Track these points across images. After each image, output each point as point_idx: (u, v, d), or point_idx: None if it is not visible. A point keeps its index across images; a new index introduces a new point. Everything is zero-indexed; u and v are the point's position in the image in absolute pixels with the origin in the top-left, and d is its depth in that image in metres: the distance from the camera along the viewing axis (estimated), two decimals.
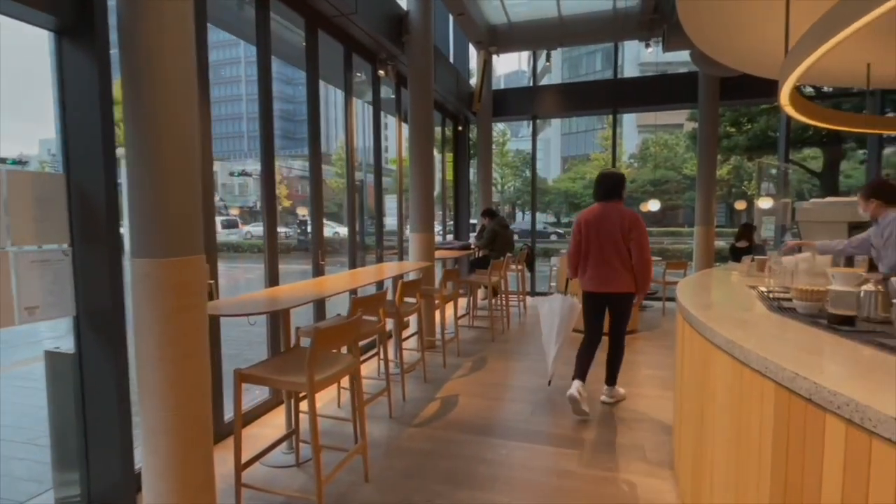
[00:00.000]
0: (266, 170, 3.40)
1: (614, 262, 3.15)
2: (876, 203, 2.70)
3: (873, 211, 2.72)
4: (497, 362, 4.42)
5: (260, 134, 3.37)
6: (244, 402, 3.28)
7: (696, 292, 2.53)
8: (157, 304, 1.86)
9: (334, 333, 2.24)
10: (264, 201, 3.41)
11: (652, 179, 22.85)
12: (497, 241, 6.19)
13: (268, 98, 3.39)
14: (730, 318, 1.88)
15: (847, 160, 12.33)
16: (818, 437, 1.20)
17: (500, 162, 26.14)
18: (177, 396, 1.93)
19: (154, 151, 1.84)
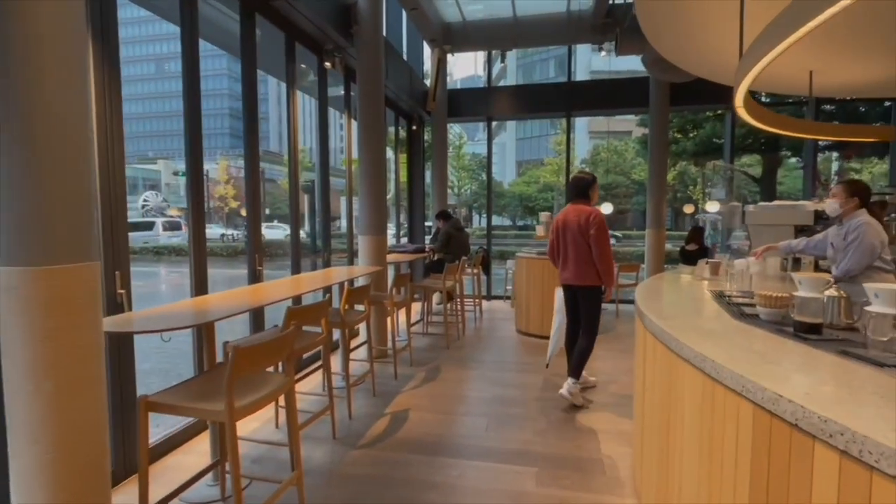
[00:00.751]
0: (192, 169, 3.04)
1: (579, 258, 3.39)
2: (855, 202, 2.66)
3: (849, 209, 2.68)
4: (451, 371, 4.23)
5: (185, 131, 3.02)
6: (166, 425, 2.90)
7: (655, 298, 2.43)
8: (27, 323, 1.51)
9: (260, 351, 1.95)
10: (190, 201, 3.05)
11: (603, 184, 23.47)
12: (452, 243, 6.04)
13: (194, 90, 3.04)
14: (696, 328, 1.76)
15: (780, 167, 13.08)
16: (805, 467, 1.06)
17: (457, 165, 26.15)
18: (57, 435, 1.58)
19: (24, 139, 1.49)
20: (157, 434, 2.83)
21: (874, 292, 1.38)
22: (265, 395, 2.02)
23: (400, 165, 7.40)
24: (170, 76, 44.39)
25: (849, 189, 2.69)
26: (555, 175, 24.94)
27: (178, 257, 17.25)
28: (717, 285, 2.74)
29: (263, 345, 1.97)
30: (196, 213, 3.06)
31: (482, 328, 5.92)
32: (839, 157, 11.91)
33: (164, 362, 5.30)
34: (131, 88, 47.18)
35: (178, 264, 15.96)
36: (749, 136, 10.79)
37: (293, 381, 2.23)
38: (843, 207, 2.69)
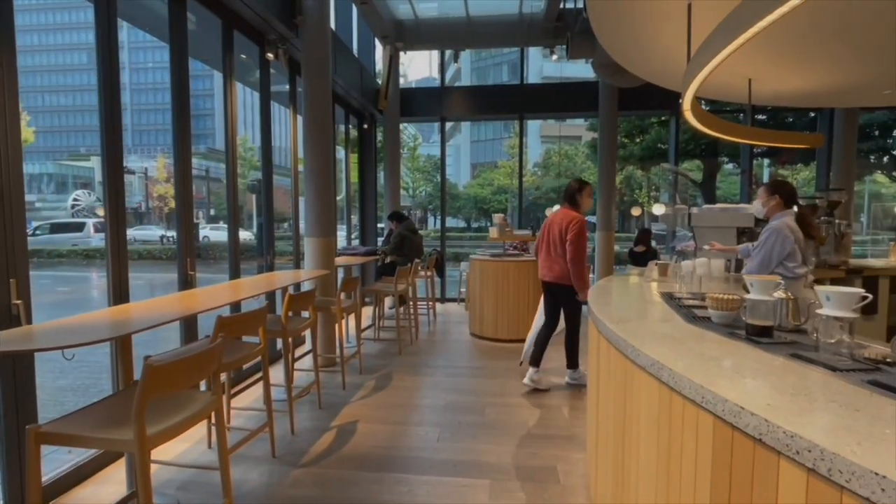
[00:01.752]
0: (110, 164, 2.72)
1: (555, 256, 3.71)
2: (777, 201, 2.73)
3: (771, 209, 2.75)
4: (403, 378, 4.08)
5: (101, 125, 2.70)
6: (79, 450, 2.56)
7: (607, 300, 2.39)
8: None
9: (180, 368, 1.72)
10: (107, 200, 2.73)
11: (555, 187, 24.01)
12: (405, 246, 5.91)
13: (112, 78, 2.72)
14: (650, 333, 1.70)
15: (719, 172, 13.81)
16: (770, 484, 0.99)
17: (412, 166, 25.99)
18: None
19: None
20: (68, 462, 2.50)
21: (825, 295, 1.36)
22: (187, 417, 1.79)
23: (351, 165, 7.17)
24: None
25: (769, 189, 2.77)
26: (508, 178, 25.27)
27: None
28: (666, 286, 2.74)
29: (183, 360, 1.74)
30: (114, 212, 2.74)
31: (436, 332, 5.82)
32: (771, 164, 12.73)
33: (85, 378, 4.81)
34: (63, 79, 43.82)
35: None
36: (691, 141, 11.28)
37: (221, 399, 2.01)
38: (766, 207, 2.76)
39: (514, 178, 23.57)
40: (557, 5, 6.29)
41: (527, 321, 5.27)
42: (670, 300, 2.29)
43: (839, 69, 4.11)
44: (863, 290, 1.34)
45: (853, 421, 0.97)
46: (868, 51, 3.67)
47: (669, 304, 2.20)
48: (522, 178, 7.85)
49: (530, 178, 25.34)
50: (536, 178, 26.82)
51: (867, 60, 3.86)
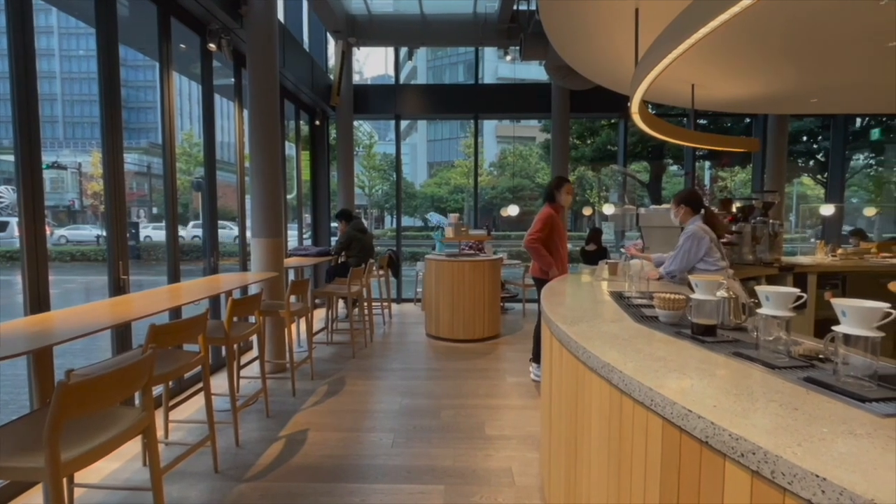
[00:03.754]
0: (26, 158, 2.47)
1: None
2: (685, 209, 2.99)
3: (682, 217, 3.01)
4: (356, 383, 3.98)
5: (14, 116, 2.44)
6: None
7: (559, 300, 2.40)
8: None
9: (102, 384, 1.56)
10: (22, 198, 2.47)
11: (510, 186, 24.42)
12: (353, 246, 5.79)
13: (27, 64, 2.46)
14: (600, 334, 1.71)
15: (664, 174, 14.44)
16: (716, 487, 0.99)
17: (368, 164, 25.59)
18: None
19: None
20: None
21: (765, 295, 1.40)
22: (113, 437, 1.64)
23: (302, 163, 6.95)
24: (41, 53, 38.45)
25: (676, 200, 3.07)
26: (465, 177, 25.40)
27: None
28: (616, 286, 2.79)
29: (108, 376, 1.58)
30: (30, 210, 2.48)
31: (391, 333, 5.74)
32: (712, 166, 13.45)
33: (5, 393, 4.38)
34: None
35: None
36: (639, 144, 11.73)
37: (152, 414, 1.85)
38: (677, 216, 3.04)
39: (469, 178, 23.71)
40: (511, 6, 6.34)
41: (483, 321, 5.28)
42: (620, 299, 2.33)
43: (774, 78, 4.36)
44: (798, 290, 1.40)
45: (793, 420, 0.99)
46: (797, 60, 3.91)
47: (619, 304, 2.24)
48: (478, 177, 7.88)
49: (486, 177, 25.59)
50: (492, 177, 27.13)
51: (800, 69, 4.11)
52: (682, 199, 3.02)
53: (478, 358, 4.69)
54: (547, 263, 3.79)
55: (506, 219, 8.35)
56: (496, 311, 5.45)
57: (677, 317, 1.84)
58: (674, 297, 1.84)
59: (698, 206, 3.00)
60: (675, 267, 2.87)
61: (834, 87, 4.56)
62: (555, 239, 3.86)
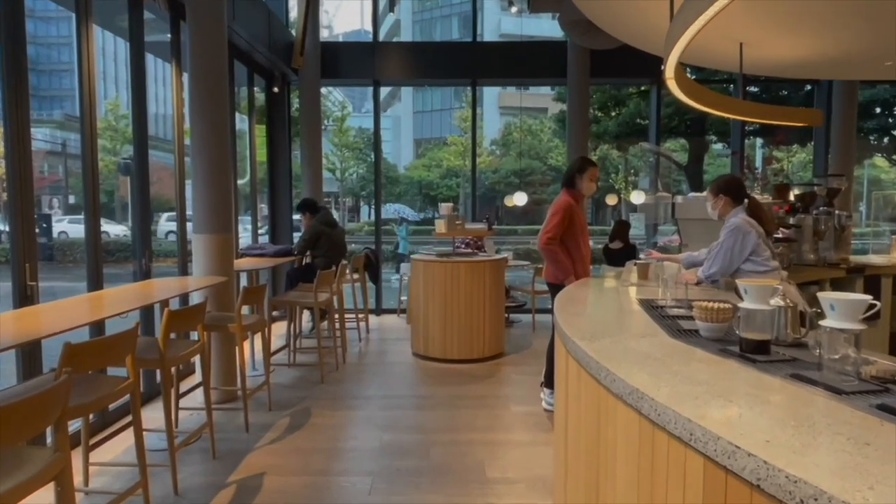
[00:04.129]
0: None
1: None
2: (725, 200, 3.04)
3: (721, 209, 3.06)
4: (326, 414, 3.99)
5: None
6: None
7: (577, 311, 2.41)
8: None
9: (4, 419, 1.54)
10: None
11: (516, 169, 24.47)
12: (321, 244, 5.81)
13: None
14: (627, 352, 1.73)
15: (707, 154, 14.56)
16: None
17: (340, 142, 25.59)
18: None
19: None
20: None
21: (830, 303, 1.41)
22: (15, 486, 1.62)
23: (258, 139, 6.93)
24: None
25: (713, 188, 3.11)
26: (460, 157, 25.44)
27: None
28: (647, 292, 2.81)
29: (8, 408, 1.57)
30: None
31: (369, 353, 5.75)
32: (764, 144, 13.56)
33: None
34: None
35: None
36: (675, 117, 11.79)
37: (68, 455, 1.84)
38: (715, 208, 3.08)
39: (466, 159, 23.76)
40: None
41: (482, 337, 5.30)
42: (651, 309, 2.35)
43: (839, 34, 4.40)
44: (870, 297, 1.41)
45: (863, 458, 1.00)
46: (871, 14, 3.94)
47: (651, 315, 2.25)
48: (476, 158, 7.89)
49: (486, 158, 25.63)
50: (494, 158, 27.21)
51: (870, 25, 4.14)
52: (720, 187, 3.06)
53: (476, 382, 4.69)
54: (565, 271, 3.78)
55: (511, 209, 8.39)
56: (499, 324, 5.47)
57: (722, 330, 1.86)
58: (717, 306, 1.85)
59: (740, 196, 3.04)
60: (717, 268, 2.90)
61: None
62: (575, 234, 3.88)
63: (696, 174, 12.74)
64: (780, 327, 1.81)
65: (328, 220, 5.93)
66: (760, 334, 1.67)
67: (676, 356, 1.68)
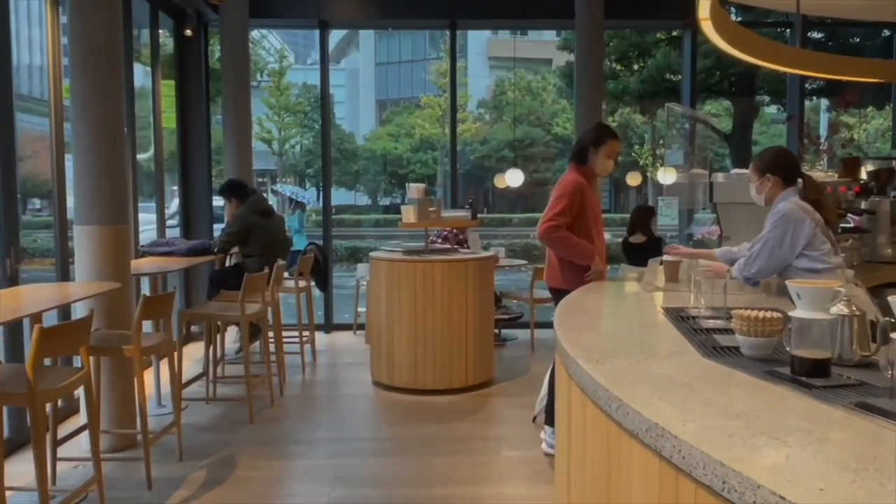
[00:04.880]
0: None
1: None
2: (773, 181, 3.03)
3: (769, 192, 3.05)
4: (256, 465, 4.00)
5: None
6: None
7: (583, 324, 2.44)
8: None
9: None
10: None
11: (511, 140, 24.55)
12: (251, 239, 5.79)
13: None
14: (646, 377, 1.74)
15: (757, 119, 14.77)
16: None
17: (278, 103, 25.45)
18: None
19: None
20: None
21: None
22: None
23: (163, 99, 6.89)
24: None
25: (758, 166, 3.09)
26: (437, 124, 25.47)
27: None
28: (675, 298, 2.82)
29: None
30: None
31: (315, 383, 5.78)
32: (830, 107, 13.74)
33: None
34: None
35: None
36: (715, 71, 11.90)
37: None
38: (762, 192, 3.08)
39: (445, 126, 23.78)
40: None
41: (464, 359, 5.31)
42: (680, 321, 2.38)
43: None
44: None
45: None
46: None
47: (679, 328, 2.27)
48: (457, 125, 7.91)
49: (472, 125, 25.72)
50: (482, 125, 27.30)
51: None
52: (766, 164, 3.07)
53: (457, 420, 4.72)
54: (584, 253, 3.81)
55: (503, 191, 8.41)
56: (487, 342, 5.50)
57: (768, 347, 1.88)
58: (763, 315, 1.87)
59: (792, 174, 3.05)
60: (760, 266, 2.91)
61: None
62: (585, 224, 3.90)
63: (742, 145, 12.91)
64: (844, 342, 1.83)
65: (261, 208, 5.90)
66: (817, 351, 1.69)
67: (709, 381, 1.69)
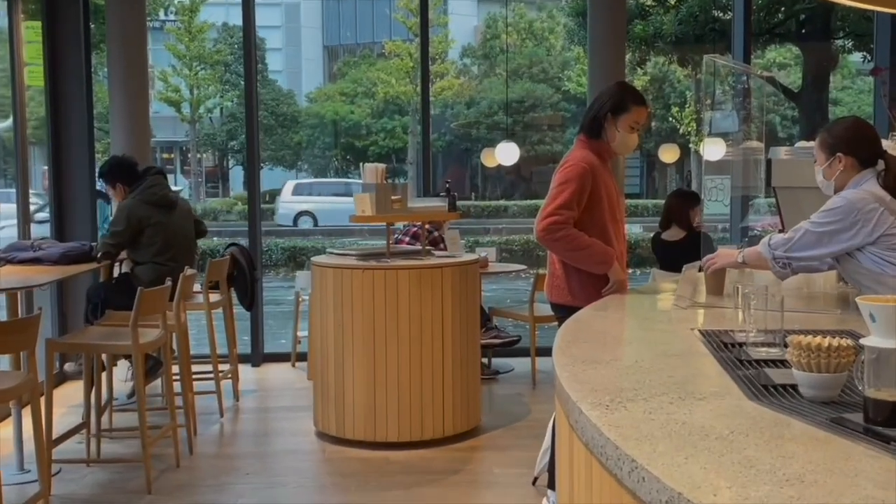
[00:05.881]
0: None
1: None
2: (846, 162, 3.10)
3: (839, 178, 3.11)
4: None
5: None
6: None
7: (590, 354, 2.43)
8: None
9: None
10: None
11: (503, 101, 24.56)
12: (145, 239, 5.79)
13: None
14: (669, 425, 1.74)
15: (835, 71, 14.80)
16: None
17: (189, 52, 25.36)
18: None
19: None
20: None
21: None
22: None
23: (25, 47, 6.85)
24: None
25: (826, 142, 3.17)
26: (405, 79, 25.43)
27: None
28: (719, 318, 2.82)
29: None
30: None
31: (238, 435, 5.76)
32: None
33: None
34: None
35: None
36: (778, 7, 11.92)
37: None
38: (830, 176, 3.15)
39: (416, 81, 23.70)
40: None
41: (441, 398, 5.30)
42: (723, 349, 2.39)
43: None
44: None
45: None
46: None
47: (720, 359, 2.28)
48: (431, 80, 7.91)
49: (453, 80, 25.73)
50: (466, 81, 27.29)
51: None
52: (836, 139, 3.11)
53: (430, 484, 4.74)
54: (599, 256, 3.84)
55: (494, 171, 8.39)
56: (471, 376, 5.51)
57: (835, 385, 1.88)
58: (827, 342, 1.87)
59: (871, 154, 3.10)
60: (804, 252, 3.02)
61: None
62: (598, 217, 3.93)
63: (815, 106, 12.96)
64: None
65: (157, 197, 5.89)
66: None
67: (756, 432, 1.69)
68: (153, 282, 5.30)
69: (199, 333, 6.94)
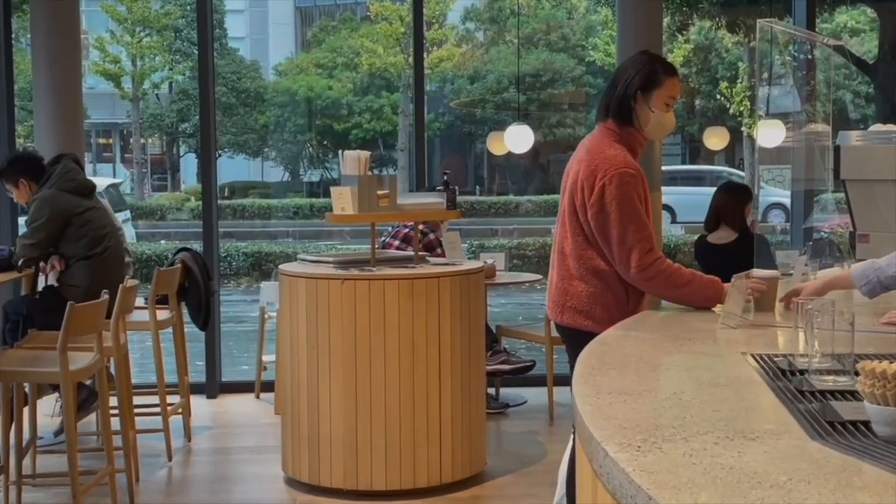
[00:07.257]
0: None
1: (558, 258, 4.15)
2: None
3: None
4: None
5: None
6: None
7: (618, 384, 2.43)
8: None
9: None
10: None
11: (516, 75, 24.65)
12: (70, 235, 5.85)
13: None
14: (715, 471, 1.72)
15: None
16: None
17: (131, 14, 25.50)
18: None
19: None
20: None
21: None
22: None
23: None
24: None
25: None
26: (397, 48, 25.52)
27: None
28: (774, 340, 2.82)
29: None
30: None
31: (189, 481, 5.80)
32: None
33: None
34: None
35: None
36: None
37: None
38: None
39: (408, 51, 23.76)
40: None
41: (438, 437, 5.31)
42: (779, 377, 2.40)
43: None
44: None
45: None
46: None
47: (776, 388, 2.29)
48: (426, 49, 7.93)
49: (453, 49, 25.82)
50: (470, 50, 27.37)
51: None
52: None
53: None
54: (702, 291, 3.74)
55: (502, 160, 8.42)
56: (475, 410, 5.53)
57: None
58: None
59: None
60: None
61: None
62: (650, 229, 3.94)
63: (894, 81, 13.01)
64: None
65: (78, 182, 5.99)
66: None
67: (818, 479, 1.69)
68: (92, 284, 5.31)
69: (144, 358, 6.95)
